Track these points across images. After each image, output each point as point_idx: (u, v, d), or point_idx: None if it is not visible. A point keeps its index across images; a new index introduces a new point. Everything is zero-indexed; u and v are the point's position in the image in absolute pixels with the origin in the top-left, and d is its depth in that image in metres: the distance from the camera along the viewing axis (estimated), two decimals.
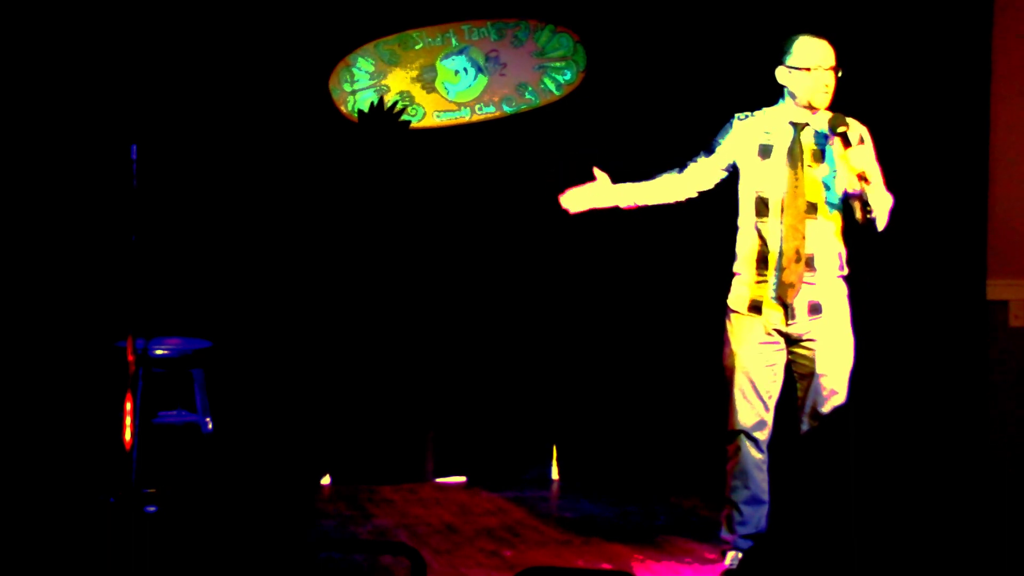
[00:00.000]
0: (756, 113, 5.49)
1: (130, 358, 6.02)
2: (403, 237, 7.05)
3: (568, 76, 7.17)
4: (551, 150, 7.12)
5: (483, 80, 7.14)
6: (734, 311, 5.48)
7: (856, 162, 5.25)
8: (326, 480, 7.07)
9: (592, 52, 7.17)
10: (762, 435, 5.52)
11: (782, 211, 5.37)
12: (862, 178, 5.25)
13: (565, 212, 7.15)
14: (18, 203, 6.61)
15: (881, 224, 5.41)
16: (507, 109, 7.16)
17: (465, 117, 7.14)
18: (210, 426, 6.53)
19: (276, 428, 6.85)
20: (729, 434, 5.53)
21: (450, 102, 7.13)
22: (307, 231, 6.93)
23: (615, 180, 5.70)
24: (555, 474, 7.26)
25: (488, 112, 7.16)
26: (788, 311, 5.40)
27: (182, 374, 6.53)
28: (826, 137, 5.38)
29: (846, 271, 5.51)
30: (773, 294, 5.41)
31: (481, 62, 7.13)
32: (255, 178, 6.87)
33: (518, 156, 7.14)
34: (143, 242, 6.12)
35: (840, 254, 5.48)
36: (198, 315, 6.75)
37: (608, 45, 7.13)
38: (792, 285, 5.38)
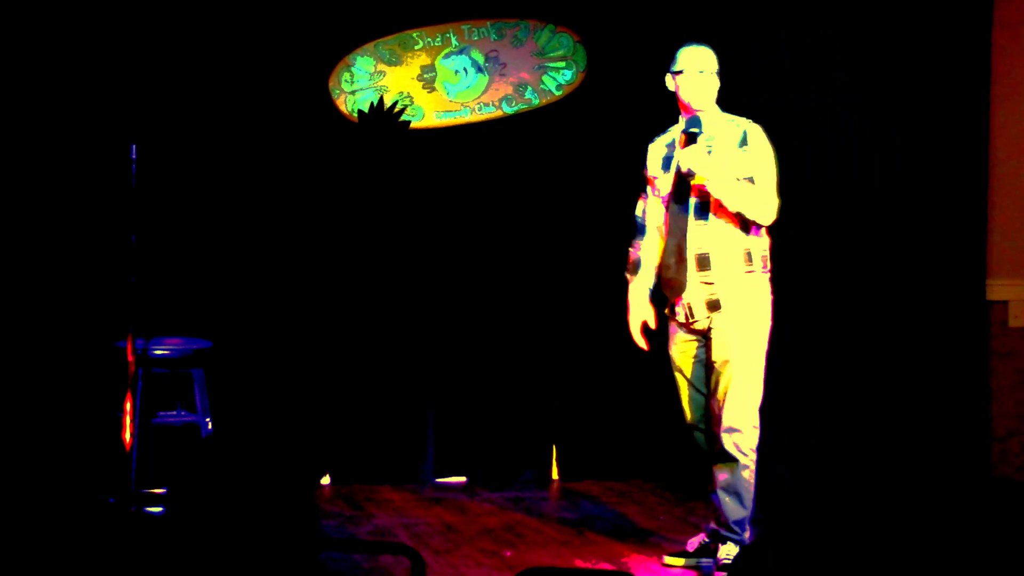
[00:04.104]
0: (664, 133, 5.71)
1: (130, 358, 6.02)
2: (403, 237, 7.05)
3: (568, 76, 7.17)
4: (551, 150, 7.12)
5: (483, 80, 7.14)
6: (665, 313, 5.70)
7: (683, 161, 5.46)
8: (326, 480, 7.08)
9: (592, 52, 7.17)
10: (710, 426, 5.60)
11: (674, 214, 5.56)
12: (688, 175, 5.45)
13: (564, 213, 7.19)
14: (18, 203, 6.61)
15: (761, 218, 5.48)
16: (507, 109, 7.16)
17: (465, 117, 7.14)
18: (210, 426, 6.53)
19: (276, 428, 6.85)
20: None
21: (450, 102, 7.13)
22: (307, 231, 6.93)
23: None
24: (555, 474, 7.26)
25: (488, 112, 7.16)
26: (689, 310, 5.54)
27: (182, 374, 6.53)
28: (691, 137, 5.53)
29: (758, 267, 5.55)
30: (676, 292, 5.56)
31: (481, 62, 7.13)
32: (255, 178, 6.87)
33: (518, 156, 7.14)
34: (143, 242, 6.12)
35: (748, 251, 5.52)
36: (198, 315, 6.75)
37: (608, 45, 7.13)
38: (670, 282, 5.56)
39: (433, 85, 7.12)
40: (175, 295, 6.69)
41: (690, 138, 5.48)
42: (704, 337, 5.59)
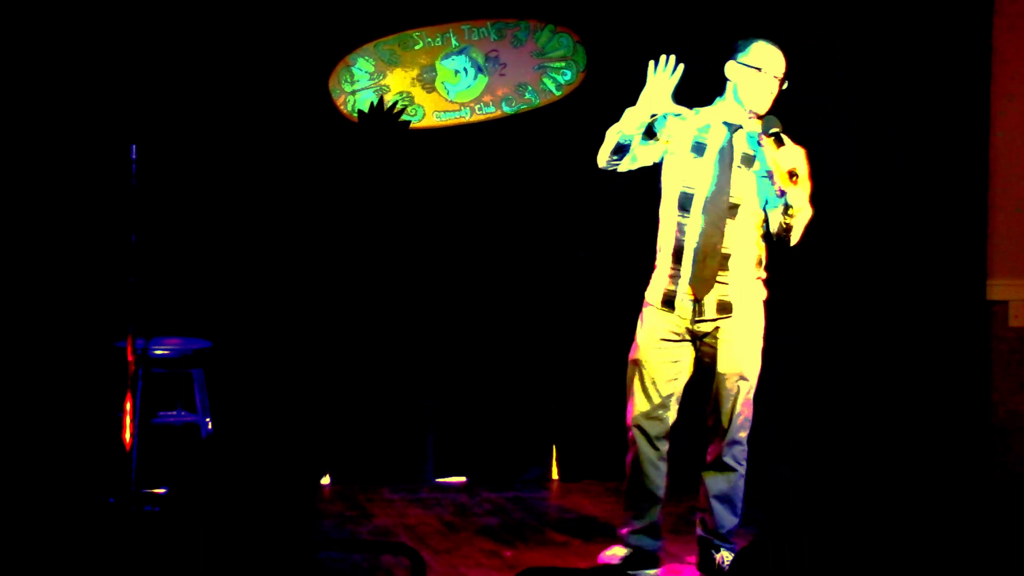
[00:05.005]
0: (691, 111, 5.48)
1: (130, 358, 6.02)
2: (403, 237, 7.05)
3: (568, 76, 7.16)
4: (551, 150, 7.12)
5: (483, 80, 7.14)
6: (649, 304, 5.51)
7: (788, 161, 5.26)
8: (326, 480, 7.08)
9: (592, 52, 7.17)
10: (657, 431, 5.53)
11: (705, 208, 5.38)
12: (792, 174, 5.25)
13: (564, 214, 7.18)
14: (18, 203, 6.61)
15: (796, 237, 5.40)
16: (507, 109, 7.16)
17: (465, 117, 7.14)
18: (210, 426, 6.53)
19: (276, 428, 6.84)
20: (627, 428, 5.58)
21: (450, 102, 7.13)
22: (307, 231, 6.93)
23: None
24: (555, 474, 7.26)
25: (488, 112, 7.15)
26: (697, 308, 5.40)
27: (182, 374, 6.53)
28: (759, 140, 5.38)
29: (764, 275, 5.50)
30: (687, 288, 5.41)
31: (481, 62, 7.13)
32: (255, 178, 6.87)
33: (518, 156, 7.14)
34: (143, 242, 6.12)
35: (760, 257, 5.48)
36: (198, 315, 6.75)
37: (608, 45, 7.13)
38: (707, 280, 5.38)
39: (433, 85, 7.12)
40: (175, 295, 6.69)
41: (777, 139, 5.30)
42: (696, 340, 5.48)
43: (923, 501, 6.44)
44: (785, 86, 5.45)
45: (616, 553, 5.55)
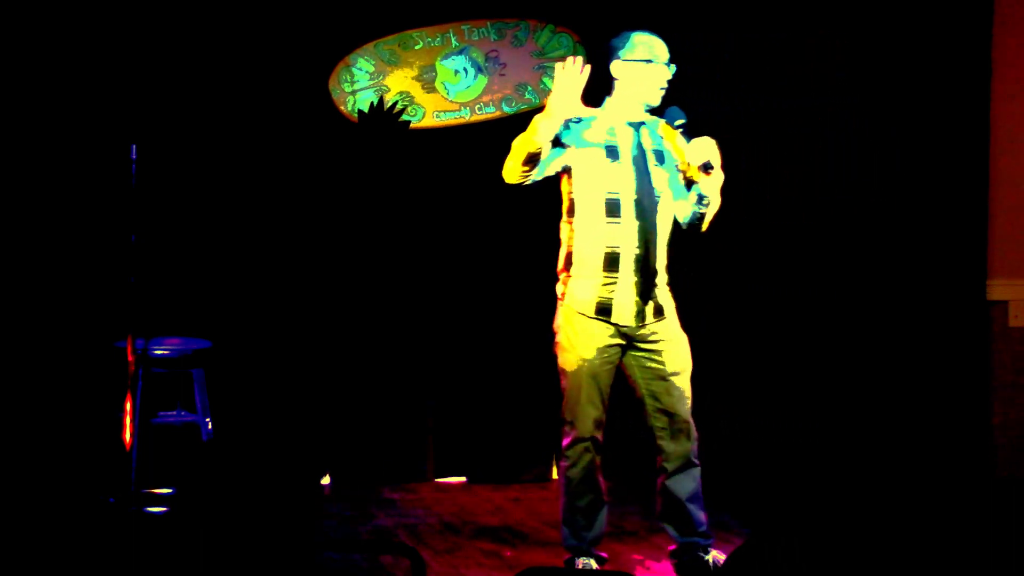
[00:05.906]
0: (592, 119, 5.30)
1: (130, 358, 6.02)
2: (403, 237, 7.05)
3: None
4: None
5: (483, 80, 7.14)
6: (579, 313, 5.30)
7: (700, 153, 5.12)
8: (326, 480, 7.08)
9: (592, 52, 7.17)
10: (601, 437, 5.44)
11: (638, 212, 5.23)
12: (708, 165, 5.11)
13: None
14: (18, 203, 6.62)
15: (706, 225, 5.30)
16: (507, 109, 7.17)
17: (465, 117, 7.15)
18: (210, 426, 6.53)
19: (276, 428, 6.85)
20: (575, 441, 5.40)
21: (450, 102, 7.13)
22: (307, 231, 6.93)
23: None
24: (555, 474, 7.26)
25: (488, 112, 7.16)
26: (640, 312, 5.26)
27: (182, 374, 6.53)
28: (659, 132, 5.29)
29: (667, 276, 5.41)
30: (633, 295, 5.25)
31: (481, 62, 7.13)
32: (255, 178, 6.88)
33: None
34: (143, 242, 6.12)
35: (669, 257, 5.36)
36: (198, 315, 6.76)
37: (608, 45, 7.12)
38: (653, 284, 5.25)
39: (433, 85, 7.12)
40: (175, 295, 6.69)
41: (684, 130, 5.18)
42: (636, 345, 5.31)
43: (923, 501, 6.45)
44: (673, 70, 5.31)
45: (591, 563, 5.49)
